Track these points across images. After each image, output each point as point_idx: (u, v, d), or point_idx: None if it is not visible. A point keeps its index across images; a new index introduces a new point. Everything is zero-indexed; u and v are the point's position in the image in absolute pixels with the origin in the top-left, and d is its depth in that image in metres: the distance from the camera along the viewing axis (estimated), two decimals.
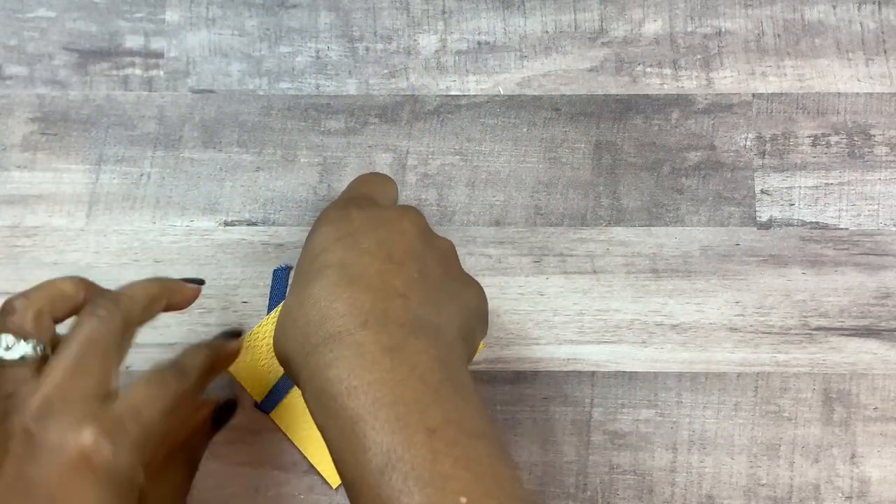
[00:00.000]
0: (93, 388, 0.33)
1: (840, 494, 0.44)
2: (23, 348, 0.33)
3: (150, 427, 0.34)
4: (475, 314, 0.35)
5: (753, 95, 0.47)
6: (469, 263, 0.46)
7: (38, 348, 0.34)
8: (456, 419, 0.29)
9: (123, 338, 0.35)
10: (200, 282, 0.40)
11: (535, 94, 0.48)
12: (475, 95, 0.48)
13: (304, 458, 0.43)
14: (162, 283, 0.38)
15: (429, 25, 0.48)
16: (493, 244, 0.46)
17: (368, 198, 0.37)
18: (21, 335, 0.34)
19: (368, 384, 0.29)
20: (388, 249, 0.33)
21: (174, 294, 0.39)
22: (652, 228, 0.46)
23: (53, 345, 0.34)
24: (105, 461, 0.31)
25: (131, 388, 0.34)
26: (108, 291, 0.36)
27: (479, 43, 0.48)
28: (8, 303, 0.35)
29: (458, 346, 0.33)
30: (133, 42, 0.48)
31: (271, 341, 0.43)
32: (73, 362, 0.33)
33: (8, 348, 0.33)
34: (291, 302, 0.33)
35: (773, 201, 0.46)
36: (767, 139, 0.47)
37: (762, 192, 0.46)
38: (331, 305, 0.31)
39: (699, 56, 0.48)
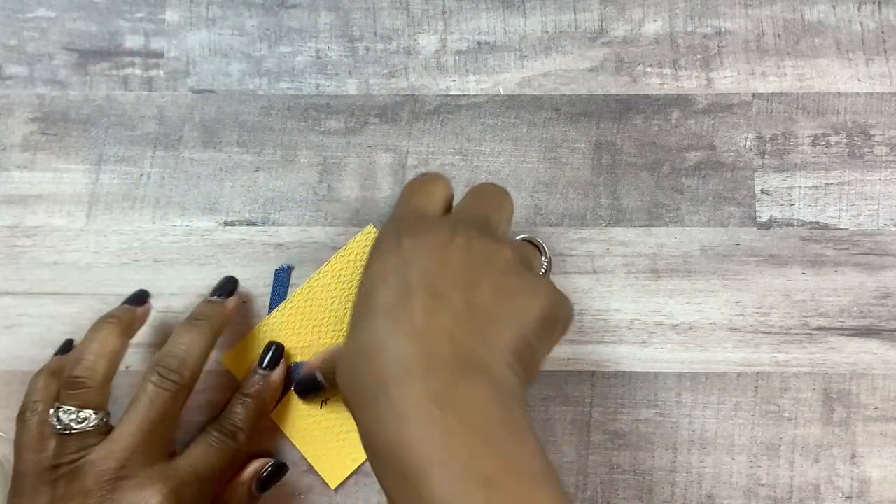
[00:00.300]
0: (160, 451, 0.37)
1: (840, 494, 0.44)
2: (94, 419, 0.37)
3: (206, 486, 0.38)
4: (537, 324, 0.33)
5: (753, 95, 0.47)
6: None
7: (106, 418, 0.38)
8: (512, 465, 0.28)
9: (179, 398, 0.39)
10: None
11: (535, 94, 0.48)
12: (475, 95, 0.48)
13: (304, 458, 0.43)
14: (204, 331, 0.40)
15: (429, 25, 0.48)
16: None
17: (418, 213, 0.36)
18: (92, 408, 0.37)
19: (418, 439, 0.28)
20: (433, 282, 0.32)
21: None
22: (652, 228, 0.46)
23: None
24: None
25: (189, 449, 0.39)
26: (163, 352, 0.39)
27: (479, 43, 0.48)
28: (71, 373, 0.38)
29: (511, 377, 0.31)
30: (133, 42, 0.48)
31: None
32: (143, 428, 0.37)
33: (79, 421, 0.37)
34: (347, 347, 0.33)
35: (773, 201, 0.46)
36: (767, 139, 0.47)
37: (762, 192, 0.46)
38: (377, 356, 0.31)
39: (699, 56, 0.48)
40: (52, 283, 0.46)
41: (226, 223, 0.46)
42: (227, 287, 0.43)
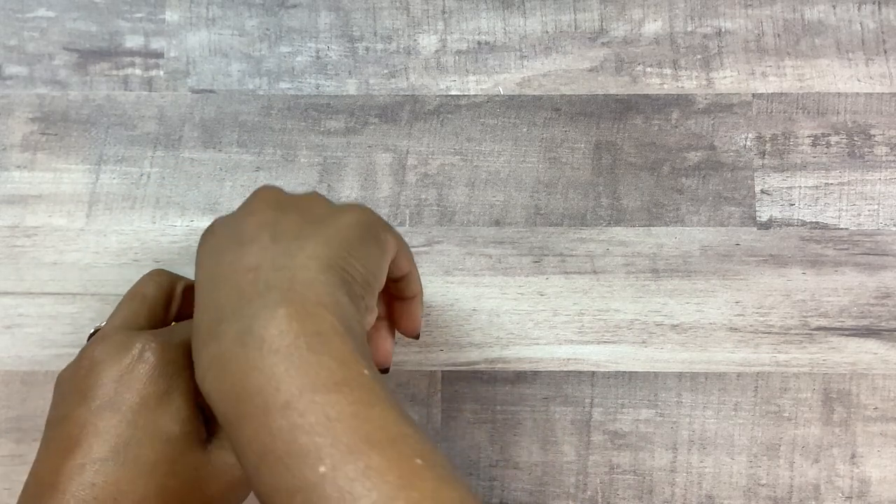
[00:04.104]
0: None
1: (840, 494, 0.44)
2: None
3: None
4: (350, 230, 0.33)
5: (753, 95, 0.47)
6: (469, 263, 0.46)
7: None
8: (310, 382, 0.28)
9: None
10: None
11: (535, 94, 0.48)
12: (475, 95, 0.48)
13: None
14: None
15: (429, 25, 0.48)
16: (493, 244, 0.46)
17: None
18: None
19: (231, 385, 0.29)
20: (239, 235, 0.33)
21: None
22: (652, 228, 0.46)
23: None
24: (153, 355, 0.35)
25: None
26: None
27: (479, 43, 0.48)
28: None
29: (320, 284, 0.31)
30: (133, 42, 0.48)
31: None
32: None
33: None
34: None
35: (773, 201, 0.46)
36: (767, 139, 0.47)
37: (762, 192, 0.46)
38: (200, 318, 0.32)
39: (699, 56, 0.48)
40: (52, 283, 0.46)
41: None
42: None
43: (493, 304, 0.45)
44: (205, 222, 0.46)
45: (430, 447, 0.28)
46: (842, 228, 0.46)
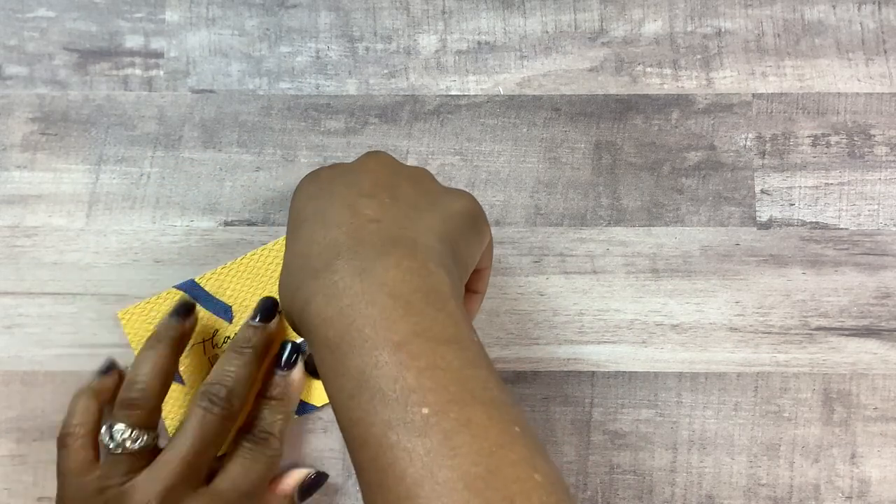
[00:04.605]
0: (202, 476, 0.37)
1: (840, 494, 0.44)
2: (147, 439, 0.37)
3: (250, 501, 0.38)
4: (461, 217, 0.34)
5: (753, 95, 0.47)
6: None
7: (156, 439, 0.38)
8: (425, 329, 0.29)
9: (226, 426, 0.39)
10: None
11: (535, 94, 0.48)
12: (475, 95, 0.48)
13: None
14: (250, 358, 0.40)
15: (429, 25, 0.48)
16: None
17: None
18: (144, 428, 0.37)
19: (340, 311, 0.29)
20: (356, 186, 0.34)
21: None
22: (652, 228, 0.46)
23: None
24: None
25: (226, 468, 0.38)
26: (211, 379, 0.39)
27: (479, 43, 0.48)
28: (126, 394, 0.38)
29: (438, 252, 0.32)
30: (133, 42, 0.48)
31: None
32: (189, 455, 0.36)
33: (133, 440, 0.37)
34: (282, 267, 0.34)
35: (773, 201, 0.46)
36: (767, 139, 0.47)
37: (762, 192, 0.46)
38: (309, 251, 0.32)
39: (699, 56, 0.48)
40: (52, 283, 0.46)
41: (226, 223, 0.46)
42: (269, 310, 0.42)
43: (493, 304, 0.45)
44: (205, 222, 0.46)
45: (527, 420, 0.29)
46: (842, 228, 0.46)
